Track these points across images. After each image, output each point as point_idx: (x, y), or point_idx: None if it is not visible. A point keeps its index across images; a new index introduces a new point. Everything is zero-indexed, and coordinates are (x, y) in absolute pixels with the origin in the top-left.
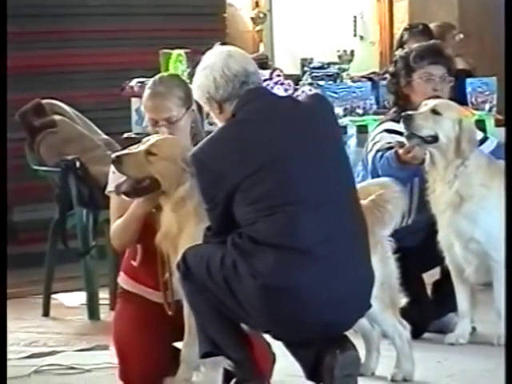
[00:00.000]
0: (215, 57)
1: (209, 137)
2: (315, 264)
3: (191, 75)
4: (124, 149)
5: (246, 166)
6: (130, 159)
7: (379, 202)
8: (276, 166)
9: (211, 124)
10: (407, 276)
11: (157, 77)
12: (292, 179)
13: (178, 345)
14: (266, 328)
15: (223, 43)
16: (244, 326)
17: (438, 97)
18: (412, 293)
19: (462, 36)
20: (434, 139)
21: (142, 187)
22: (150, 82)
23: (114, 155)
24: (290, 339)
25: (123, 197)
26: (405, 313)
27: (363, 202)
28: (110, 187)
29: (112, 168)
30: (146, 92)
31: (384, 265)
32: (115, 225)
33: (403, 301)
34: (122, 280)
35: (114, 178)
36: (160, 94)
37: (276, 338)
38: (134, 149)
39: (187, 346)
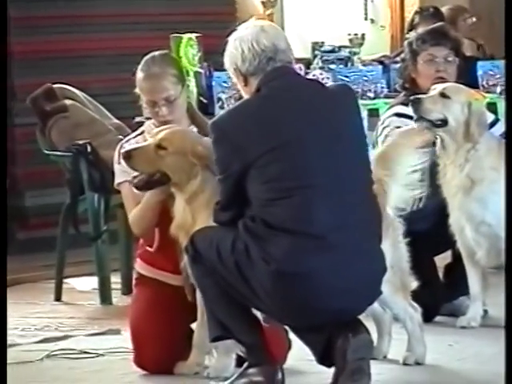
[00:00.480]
0: (248, 29)
1: (231, 107)
2: (329, 250)
3: (201, 59)
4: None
5: (267, 141)
6: (139, 154)
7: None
8: (295, 147)
9: (222, 108)
10: (419, 259)
11: (148, 57)
12: (309, 162)
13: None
14: (276, 313)
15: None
16: (255, 311)
17: (442, 78)
18: (423, 276)
19: (474, 19)
20: (444, 123)
21: (154, 180)
22: (141, 63)
23: (123, 151)
24: (300, 325)
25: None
26: (416, 296)
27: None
28: (118, 179)
29: (116, 159)
30: (140, 74)
31: (395, 248)
32: (132, 214)
33: (414, 284)
34: (139, 266)
35: (120, 170)
36: (155, 75)
37: (285, 323)
38: (141, 141)
39: (199, 329)
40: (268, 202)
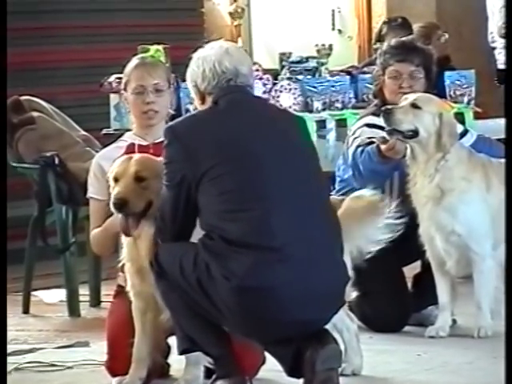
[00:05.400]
0: (212, 50)
1: (188, 115)
2: (289, 262)
3: (169, 70)
4: (104, 146)
5: (222, 151)
6: (132, 196)
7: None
8: (250, 159)
9: None
10: (388, 269)
11: (139, 55)
12: (264, 175)
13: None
14: (241, 329)
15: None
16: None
17: (406, 94)
18: (392, 286)
19: (447, 36)
20: (415, 134)
21: (140, 215)
22: (133, 59)
23: (115, 200)
24: (266, 339)
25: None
26: (386, 305)
27: None
28: (91, 192)
29: (92, 171)
30: (132, 63)
31: None
32: (94, 232)
33: (353, 294)
34: (121, 278)
35: (94, 182)
36: (148, 62)
37: (251, 338)
38: (120, 185)
39: (138, 344)
40: (224, 215)
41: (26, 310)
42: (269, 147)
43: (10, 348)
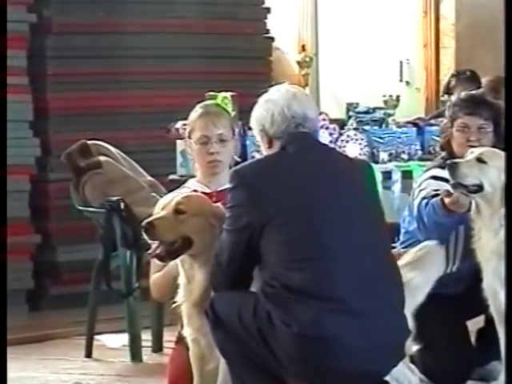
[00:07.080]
0: (280, 94)
1: (255, 159)
2: (351, 314)
3: (236, 118)
4: (170, 191)
5: (291, 198)
6: (161, 223)
7: None
8: (316, 209)
9: None
10: (452, 323)
11: (203, 103)
12: (330, 225)
13: None
14: (301, 378)
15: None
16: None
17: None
18: (455, 340)
19: None
20: (479, 188)
21: (175, 249)
22: (197, 107)
23: (144, 223)
24: None
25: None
26: (448, 360)
27: None
28: None
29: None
30: (196, 112)
31: None
32: (154, 278)
33: (414, 348)
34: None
35: None
36: (212, 112)
37: None
38: (159, 212)
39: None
40: (289, 264)
41: (88, 354)
42: (335, 197)
43: None
